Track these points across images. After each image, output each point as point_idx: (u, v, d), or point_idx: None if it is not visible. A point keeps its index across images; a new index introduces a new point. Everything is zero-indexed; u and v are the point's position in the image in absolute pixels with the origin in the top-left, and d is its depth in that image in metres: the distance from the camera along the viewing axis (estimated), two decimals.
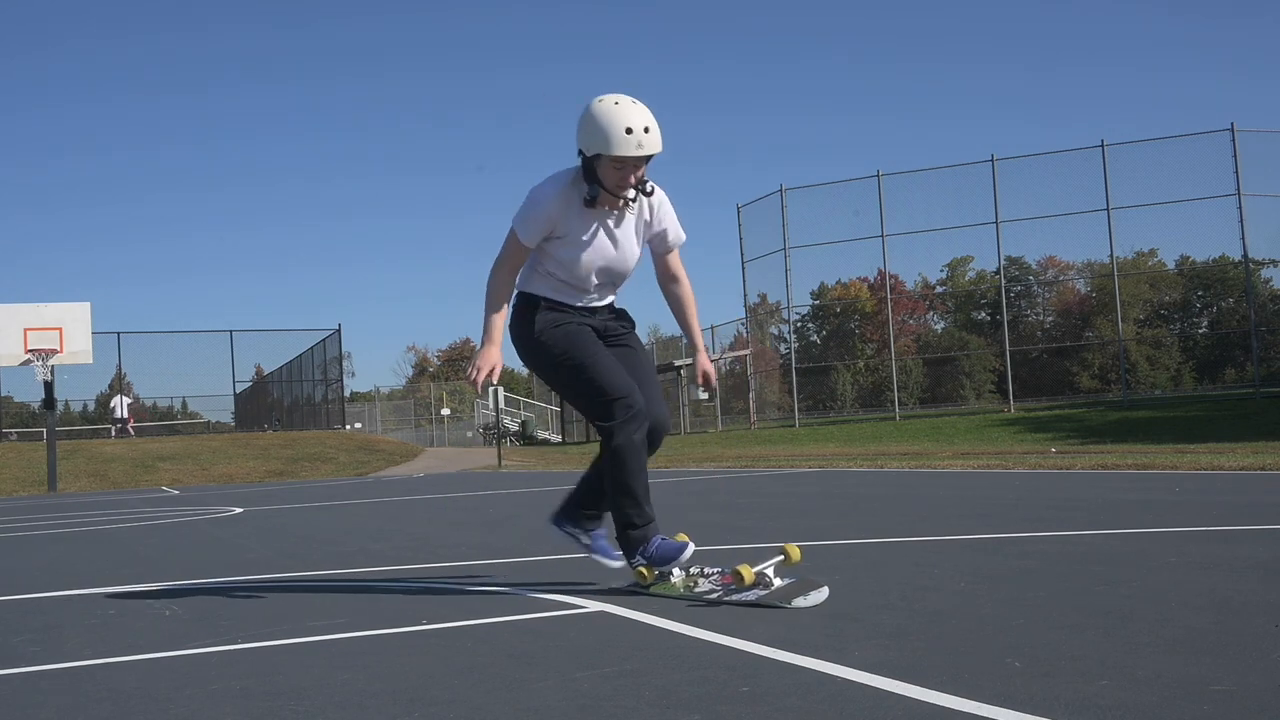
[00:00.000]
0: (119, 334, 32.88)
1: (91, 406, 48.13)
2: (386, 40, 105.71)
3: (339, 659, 3.02)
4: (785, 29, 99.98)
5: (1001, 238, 26.95)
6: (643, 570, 3.87)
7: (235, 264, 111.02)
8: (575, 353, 3.85)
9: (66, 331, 23.20)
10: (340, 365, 36.04)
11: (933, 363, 43.08)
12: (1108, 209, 25.59)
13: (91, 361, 24.60)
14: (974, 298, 49.19)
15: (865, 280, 44.88)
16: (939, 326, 52.70)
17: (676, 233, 4.02)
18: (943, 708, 2.18)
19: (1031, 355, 41.23)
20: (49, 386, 23.27)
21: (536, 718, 2.29)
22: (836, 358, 41.57)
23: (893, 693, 2.32)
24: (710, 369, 4.20)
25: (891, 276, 31.68)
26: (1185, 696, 2.18)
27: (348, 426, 36.75)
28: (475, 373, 3.85)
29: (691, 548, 3.83)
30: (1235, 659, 2.48)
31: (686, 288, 4.13)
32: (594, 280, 3.89)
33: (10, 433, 36.33)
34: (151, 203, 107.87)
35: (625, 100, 3.67)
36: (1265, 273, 31.03)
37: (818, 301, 39.51)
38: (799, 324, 38.99)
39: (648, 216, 3.92)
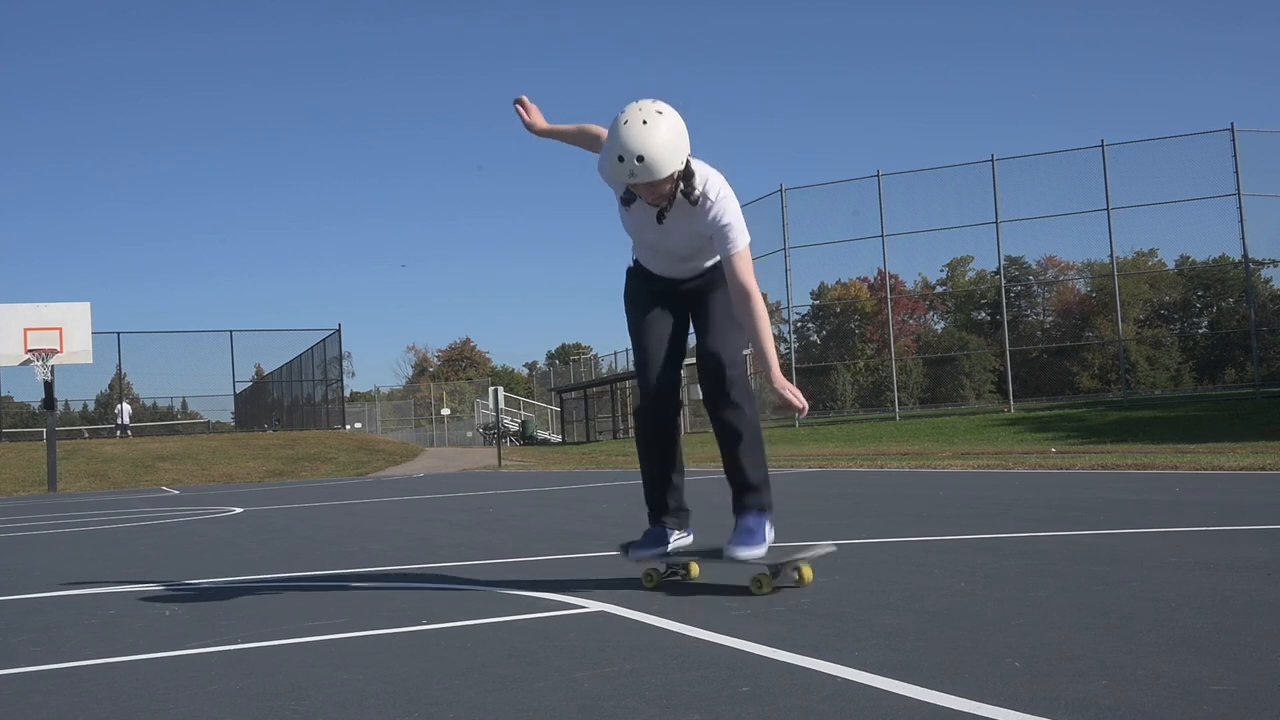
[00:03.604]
0: (119, 334, 32.94)
1: (92, 406, 48.14)
2: (387, 42, 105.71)
3: (339, 659, 3.02)
4: (785, 29, 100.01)
5: (1001, 238, 26.96)
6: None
7: (235, 264, 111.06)
8: (633, 331, 4.02)
9: (66, 331, 23.22)
10: (340, 365, 36.05)
11: (933, 363, 43.09)
12: (1108, 209, 25.60)
13: (91, 361, 24.62)
14: (974, 298, 49.19)
15: (865, 280, 44.90)
16: (939, 326, 52.72)
17: (724, 242, 3.73)
18: (943, 708, 2.18)
19: (1031, 355, 41.23)
20: (49, 386, 23.27)
21: (537, 718, 2.29)
22: (836, 358, 41.57)
23: (892, 692, 2.32)
24: (786, 388, 3.70)
25: (891, 276, 31.69)
26: (1185, 696, 2.18)
27: (348, 426, 36.76)
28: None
29: (668, 546, 3.99)
30: (1235, 659, 2.48)
31: (747, 304, 3.74)
32: (655, 261, 3.98)
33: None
34: (152, 203, 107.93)
35: (635, 120, 3.54)
36: (1265, 273, 31.08)
37: (818, 301, 39.53)
38: (799, 324, 39.03)
39: (698, 224, 3.77)
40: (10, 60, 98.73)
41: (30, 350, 23.01)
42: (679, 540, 4.06)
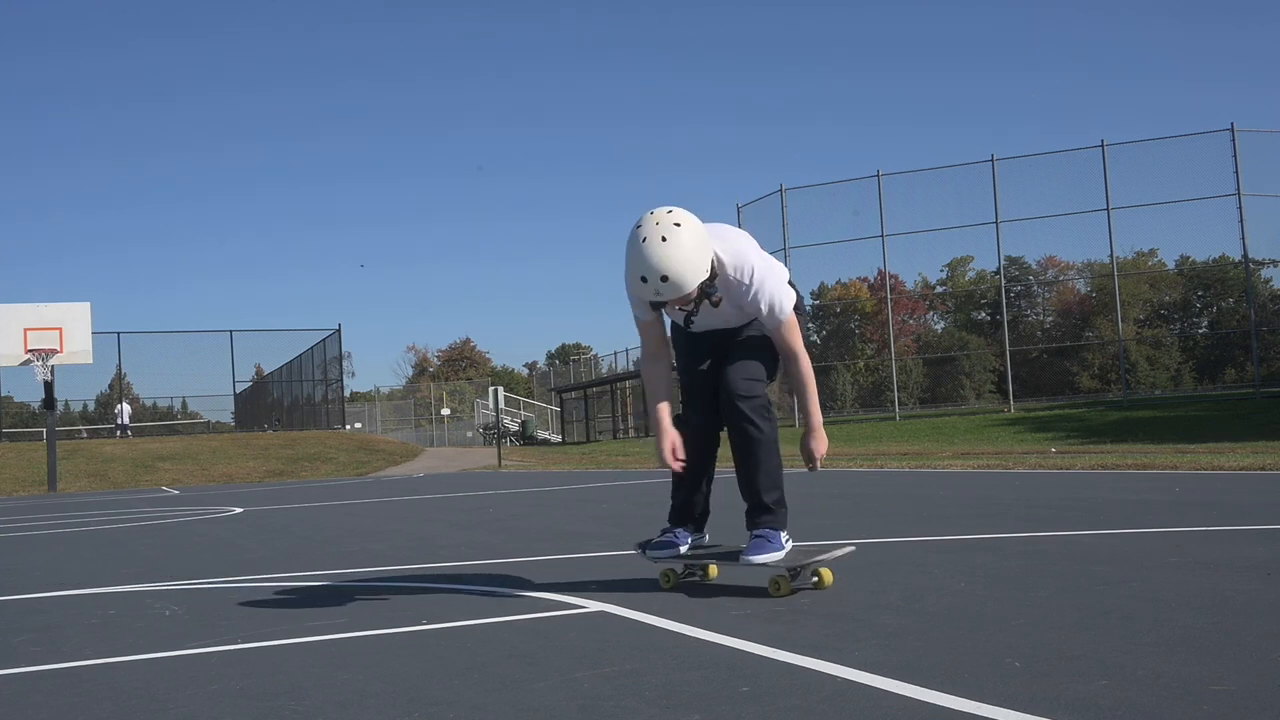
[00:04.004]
0: (119, 334, 32.93)
1: (92, 406, 48.15)
2: (386, 44, 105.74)
3: (339, 659, 3.02)
4: (785, 29, 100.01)
5: (1001, 238, 26.96)
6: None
7: (235, 264, 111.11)
8: (677, 356, 4.07)
9: (66, 331, 23.22)
10: (340, 365, 36.05)
11: (933, 363, 43.10)
12: (1108, 209, 25.60)
13: (91, 361, 24.62)
14: (974, 298, 49.21)
15: (865, 280, 44.89)
16: (939, 326, 52.73)
17: (768, 315, 3.75)
18: (943, 708, 2.18)
19: (1031, 355, 41.24)
20: (49, 386, 23.28)
21: (537, 717, 2.29)
22: (836, 358, 41.57)
23: (892, 692, 2.32)
24: (818, 450, 3.89)
25: (891, 276, 31.69)
26: (1185, 696, 2.18)
27: (348, 426, 36.76)
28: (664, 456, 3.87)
29: (683, 549, 3.99)
30: (1235, 659, 2.48)
31: (795, 366, 3.81)
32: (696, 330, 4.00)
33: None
34: (152, 203, 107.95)
35: (654, 237, 3.50)
36: (1265, 273, 31.10)
37: (818, 301, 39.51)
38: None
39: (739, 299, 3.76)
40: (11, 63, 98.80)
41: (30, 350, 23.01)
42: (696, 542, 4.05)
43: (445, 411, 50.15)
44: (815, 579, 3.82)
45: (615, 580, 4.29)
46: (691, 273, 3.53)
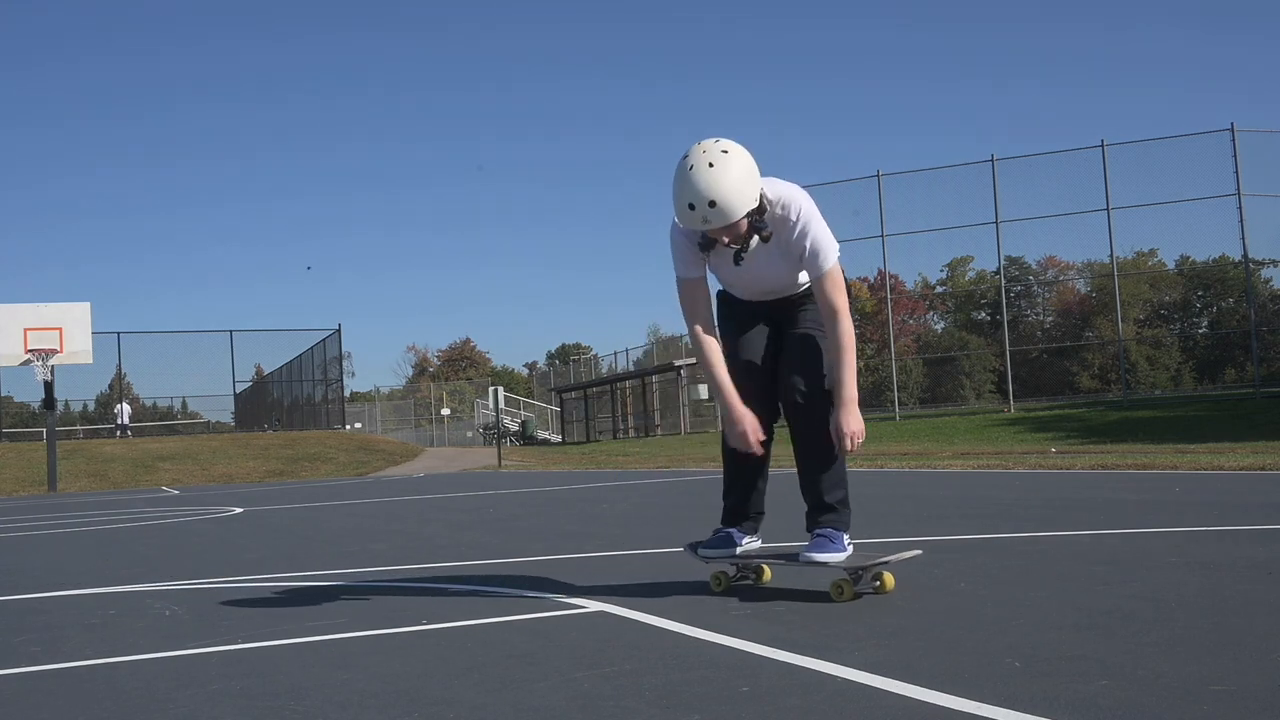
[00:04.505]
0: (119, 334, 32.96)
1: (92, 406, 48.14)
2: (388, 48, 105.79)
3: (339, 659, 3.02)
4: (784, 29, 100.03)
5: (1001, 238, 26.93)
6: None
7: (235, 264, 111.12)
8: (729, 341, 3.83)
9: (66, 331, 23.22)
10: (340, 365, 36.05)
11: (933, 363, 43.09)
12: (1108, 209, 25.57)
13: (91, 361, 24.63)
14: (974, 298, 49.19)
15: (865, 280, 44.85)
16: (939, 326, 52.72)
17: (810, 259, 3.63)
18: (943, 708, 2.18)
19: (1031, 355, 41.24)
20: (49, 386, 23.27)
21: (537, 717, 2.29)
22: None
23: (892, 692, 2.32)
24: (848, 429, 3.59)
25: (891, 276, 31.66)
26: (1185, 696, 2.18)
27: (348, 426, 36.75)
28: (743, 442, 3.69)
29: (737, 549, 3.82)
30: (1235, 659, 2.48)
31: (834, 325, 3.62)
32: (742, 294, 3.86)
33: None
34: (152, 204, 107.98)
35: (701, 164, 3.44)
36: (1265, 273, 31.10)
37: None
38: None
39: (784, 245, 3.65)
40: (18, 71, 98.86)
41: (30, 350, 23.01)
42: (749, 544, 3.88)
43: (445, 411, 50.14)
44: (876, 583, 3.63)
45: (615, 580, 4.29)
46: (739, 199, 3.45)
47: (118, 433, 35.25)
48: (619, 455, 25.01)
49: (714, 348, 3.76)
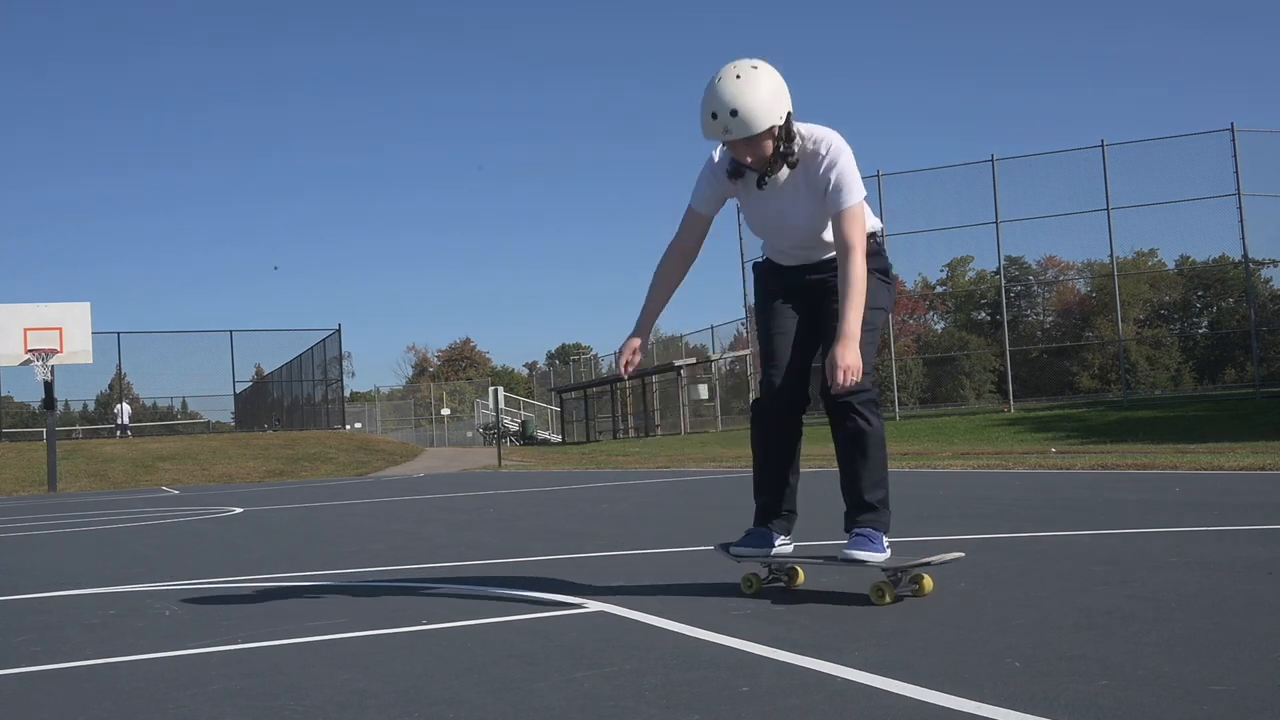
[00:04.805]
0: (119, 334, 32.99)
1: (92, 406, 48.14)
2: (388, 51, 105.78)
3: (339, 659, 3.02)
4: (784, 29, 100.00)
5: (1001, 238, 26.94)
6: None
7: (235, 264, 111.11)
8: (760, 326, 3.85)
9: (66, 331, 23.23)
10: (340, 365, 36.05)
11: (933, 363, 43.07)
12: (1108, 209, 25.57)
13: (91, 361, 24.65)
14: (974, 298, 49.16)
15: None
16: (939, 326, 52.68)
17: (835, 194, 3.54)
18: (943, 708, 2.18)
19: (1031, 355, 41.21)
20: (49, 386, 23.27)
21: (537, 717, 2.29)
22: None
23: (892, 693, 2.32)
24: (844, 363, 3.44)
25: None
26: (1185, 696, 2.18)
27: (348, 426, 36.76)
28: (617, 357, 3.81)
29: (772, 549, 3.74)
30: (1235, 659, 2.48)
31: (846, 259, 3.51)
32: (772, 241, 3.81)
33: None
34: (152, 204, 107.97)
35: (729, 76, 3.42)
36: (1265, 273, 31.08)
37: None
38: None
39: (814, 181, 3.59)
40: (12, 65, 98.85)
41: (30, 350, 23.02)
42: (782, 545, 3.78)
43: (445, 411, 50.14)
44: (915, 586, 3.54)
45: (615, 580, 4.29)
46: (763, 111, 3.40)
47: (118, 433, 35.27)
48: (619, 455, 25.01)
49: (668, 271, 3.81)
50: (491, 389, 29.06)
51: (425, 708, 2.41)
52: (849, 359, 3.44)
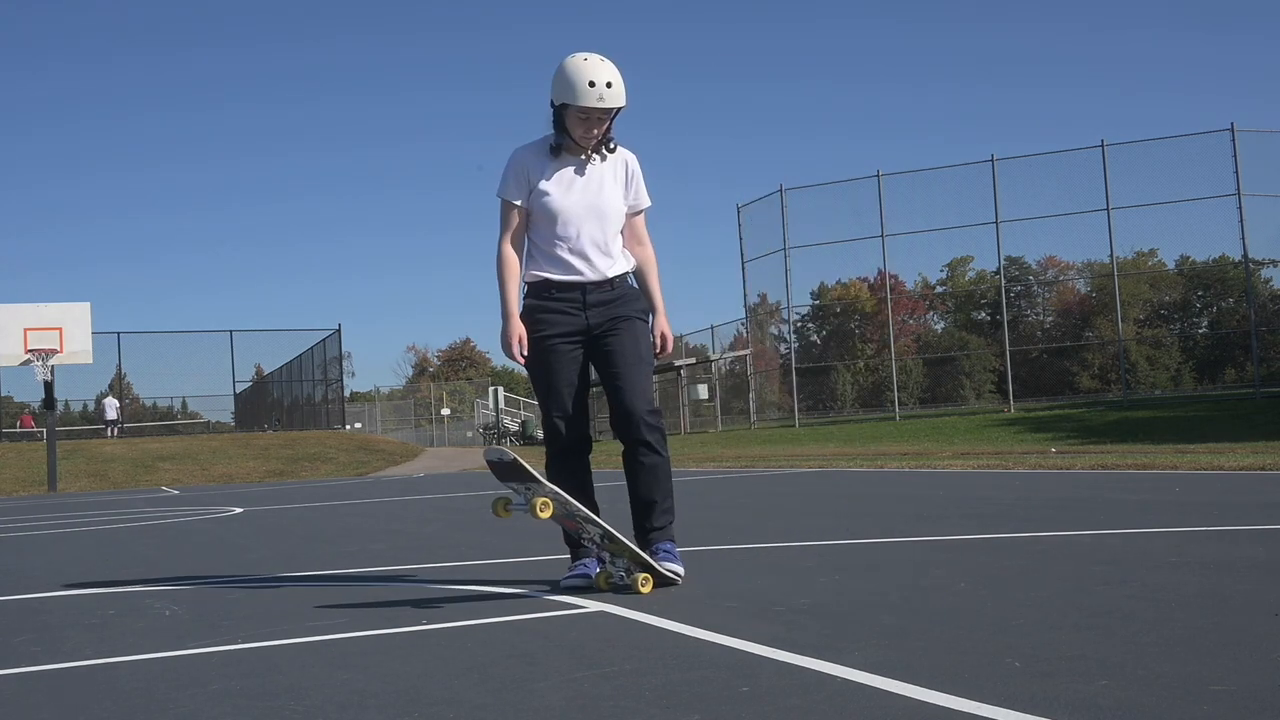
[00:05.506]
0: (119, 334, 33.05)
1: (91, 406, 48.12)
2: (388, 52, 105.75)
3: (339, 659, 3.02)
4: (783, 29, 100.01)
5: (1001, 238, 26.97)
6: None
7: (236, 264, 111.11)
8: (537, 375, 4.10)
9: (66, 331, 23.22)
10: (340, 365, 36.07)
11: (933, 363, 43.05)
12: (1108, 209, 25.59)
13: (91, 361, 24.64)
14: (974, 298, 49.14)
15: (865, 280, 44.81)
16: (939, 326, 52.64)
17: (642, 196, 4.19)
18: (943, 708, 2.18)
19: (1031, 355, 41.18)
20: (49, 386, 23.27)
21: (537, 717, 2.29)
22: (836, 358, 41.51)
23: (892, 693, 2.32)
24: (667, 331, 4.19)
25: (891, 276, 31.67)
26: (1185, 696, 2.18)
27: (348, 426, 36.76)
28: (509, 350, 4.04)
29: (593, 576, 4.00)
30: (1235, 659, 2.48)
31: (649, 252, 4.26)
32: (575, 231, 4.03)
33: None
34: (152, 204, 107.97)
35: (595, 58, 3.92)
36: (1265, 273, 31.00)
37: (817, 301, 39.49)
38: (799, 324, 38.94)
39: (622, 173, 4.13)
40: (12, 66, 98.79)
41: (30, 350, 23.01)
42: (594, 569, 4.06)
43: (445, 411, 50.13)
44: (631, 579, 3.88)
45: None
46: (624, 91, 3.92)
47: (108, 430, 35.16)
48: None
49: (512, 265, 4.08)
50: (491, 389, 29.11)
51: (425, 708, 2.41)
52: (668, 330, 4.19)
